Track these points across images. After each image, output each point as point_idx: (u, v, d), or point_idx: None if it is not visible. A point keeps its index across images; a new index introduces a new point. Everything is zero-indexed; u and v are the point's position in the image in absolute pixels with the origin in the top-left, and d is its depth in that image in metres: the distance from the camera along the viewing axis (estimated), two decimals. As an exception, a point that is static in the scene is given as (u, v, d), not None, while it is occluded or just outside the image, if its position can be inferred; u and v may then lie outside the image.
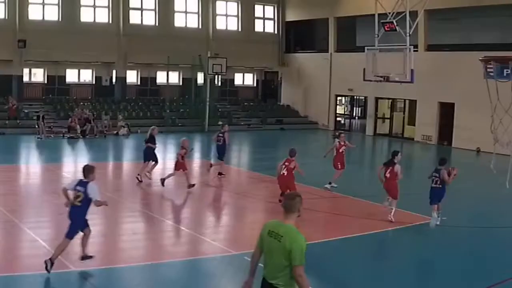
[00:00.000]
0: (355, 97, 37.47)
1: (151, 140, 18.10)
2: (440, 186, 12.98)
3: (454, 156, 27.43)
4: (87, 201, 9.12)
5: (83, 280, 8.65)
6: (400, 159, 13.99)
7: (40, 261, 9.60)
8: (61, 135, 27.71)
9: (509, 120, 14.87)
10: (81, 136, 27.70)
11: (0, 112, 29.32)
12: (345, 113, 38.78)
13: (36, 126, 27.17)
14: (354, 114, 38.86)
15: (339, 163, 16.91)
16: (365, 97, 35.33)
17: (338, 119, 37.22)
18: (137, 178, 17.08)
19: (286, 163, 14.03)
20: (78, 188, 9.14)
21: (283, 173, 13.93)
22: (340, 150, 16.99)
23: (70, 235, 9.22)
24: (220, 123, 33.91)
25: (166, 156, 25.41)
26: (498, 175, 16.21)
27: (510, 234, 12.76)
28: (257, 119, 35.80)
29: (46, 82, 32.58)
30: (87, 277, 8.76)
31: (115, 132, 29.23)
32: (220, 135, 18.87)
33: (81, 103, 31.15)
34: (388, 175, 13.65)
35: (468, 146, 27.39)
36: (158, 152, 18.37)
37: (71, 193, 9.31)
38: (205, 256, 10.30)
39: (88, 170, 9.22)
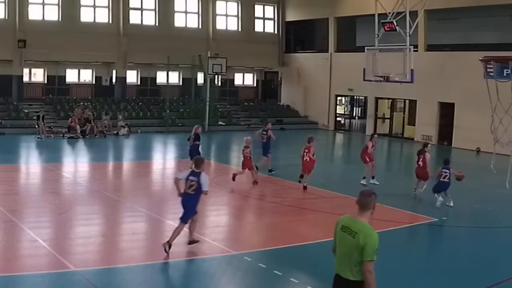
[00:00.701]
0: (355, 97, 37.48)
1: (197, 138, 18.84)
2: (448, 180, 14.89)
3: (454, 156, 27.41)
4: (199, 190, 10.12)
5: (83, 280, 8.65)
6: (430, 149, 16.33)
7: (40, 261, 9.63)
8: (61, 135, 27.70)
9: (509, 120, 14.90)
10: (81, 136, 27.69)
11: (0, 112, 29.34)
12: (345, 113, 38.78)
13: (36, 126, 27.16)
14: (354, 114, 38.87)
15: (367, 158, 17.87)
16: (365, 97, 35.33)
17: (338, 119, 37.22)
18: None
19: (306, 150, 16.47)
20: (191, 178, 10.19)
21: (306, 159, 16.43)
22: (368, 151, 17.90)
23: (185, 220, 10.25)
24: (220, 123, 34.10)
25: (166, 156, 25.49)
26: (498, 175, 16.24)
27: (510, 234, 12.76)
28: (257, 119, 35.80)
29: (46, 82, 32.58)
30: (87, 277, 8.75)
31: (115, 132, 29.22)
32: (264, 132, 19.27)
33: (82, 103, 31.14)
34: (420, 163, 15.89)
35: (468, 146, 27.39)
36: (158, 151, 18.26)
37: (183, 183, 10.24)
38: (205, 256, 10.30)
39: (200, 162, 10.38)
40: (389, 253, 11.15)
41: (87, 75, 34.17)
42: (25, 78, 31.85)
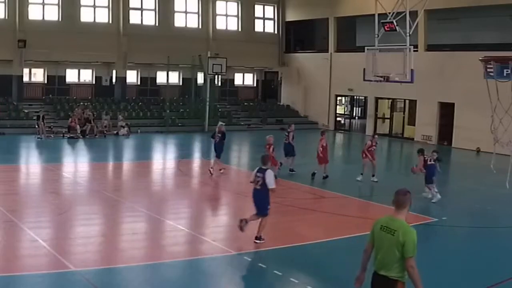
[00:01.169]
0: (355, 97, 37.48)
1: (222, 136, 19.07)
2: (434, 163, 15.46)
3: (454, 156, 27.44)
4: (265, 185, 10.62)
5: (83, 280, 8.65)
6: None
7: (40, 261, 9.63)
8: (61, 135, 27.70)
9: (509, 120, 14.89)
10: (81, 136, 27.69)
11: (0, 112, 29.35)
12: (345, 113, 38.78)
13: (36, 126, 27.16)
14: (354, 114, 38.86)
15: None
16: (365, 97, 35.33)
17: (338, 119, 37.22)
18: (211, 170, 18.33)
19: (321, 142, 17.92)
20: (258, 174, 10.80)
21: (320, 150, 17.90)
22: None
23: (263, 212, 10.81)
24: (220, 123, 34.00)
25: (166, 156, 25.49)
26: (498, 175, 16.24)
27: (510, 234, 12.76)
28: (257, 119, 35.80)
29: (46, 82, 32.59)
30: (87, 277, 8.75)
31: (115, 132, 29.22)
32: (286, 134, 19.44)
33: (82, 103, 31.15)
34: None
35: (468, 146, 27.40)
36: (158, 151, 18.25)
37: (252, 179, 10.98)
38: (205, 256, 10.30)
39: (266, 159, 11.10)
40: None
41: (87, 75, 34.17)
42: (25, 78, 31.85)
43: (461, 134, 28.21)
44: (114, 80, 34.07)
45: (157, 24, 34.50)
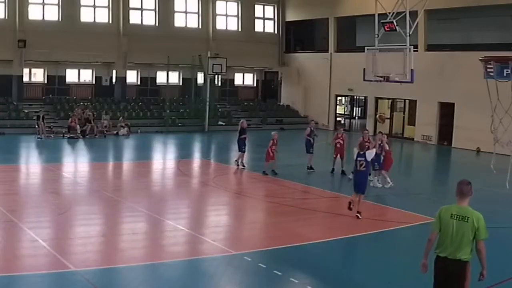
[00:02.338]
0: (355, 97, 37.47)
1: (243, 132, 19.94)
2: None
3: (454, 156, 27.44)
4: (368, 166, 13.18)
5: (83, 280, 8.65)
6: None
7: (40, 261, 9.63)
8: (61, 135, 27.70)
9: (509, 120, 14.90)
10: (81, 136, 27.69)
11: (0, 112, 29.36)
12: (345, 113, 38.78)
13: (36, 126, 27.16)
14: (354, 114, 38.85)
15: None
16: (365, 97, 35.32)
17: (338, 119, 37.20)
18: (237, 163, 19.97)
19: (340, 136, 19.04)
20: (359, 159, 12.96)
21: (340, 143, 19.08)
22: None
23: (363, 191, 13.09)
24: (220, 123, 34.08)
25: (166, 156, 25.48)
26: (498, 175, 16.24)
27: (510, 234, 12.76)
28: (257, 119, 35.79)
29: (46, 82, 32.59)
30: (87, 277, 8.75)
31: (115, 132, 29.22)
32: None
33: (82, 103, 31.15)
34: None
35: (468, 146, 27.39)
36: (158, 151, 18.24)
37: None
38: (205, 256, 10.30)
39: (362, 145, 13.50)
40: (389, 253, 11.15)
41: (87, 75, 34.17)
42: (25, 78, 31.85)
43: (461, 134, 28.20)
44: (114, 80, 34.07)
45: (157, 24, 34.50)
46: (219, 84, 35.85)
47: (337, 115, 37.21)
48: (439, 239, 6.71)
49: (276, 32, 39.43)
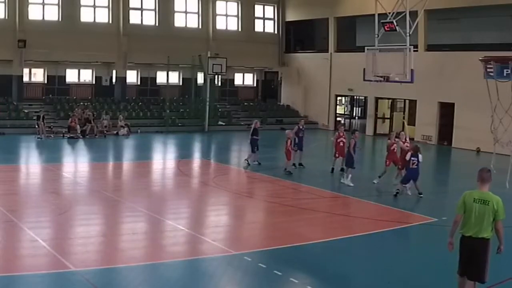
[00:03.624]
0: (355, 97, 37.47)
1: (255, 132, 20.18)
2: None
3: (454, 156, 27.44)
4: (419, 165, 15.23)
5: (83, 280, 8.65)
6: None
7: (40, 261, 9.63)
8: (61, 135, 27.70)
9: (509, 120, 14.91)
10: (81, 136, 27.69)
11: (0, 112, 29.36)
12: (345, 113, 38.77)
13: (36, 126, 27.15)
14: (354, 114, 38.85)
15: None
16: (365, 97, 35.32)
17: (338, 119, 37.19)
18: (247, 162, 20.29)
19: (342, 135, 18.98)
20: (413, 159, 15.20)
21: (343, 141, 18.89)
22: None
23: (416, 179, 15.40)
24: (220, 123, 34.09)
25: (166, 156, 25.48)
26: (498, 175, 16.23)
27: (510, 234, 12.75)
28: (257, 119, 35.71)
29: (46, 82, 32.57)
30: (87, 277, 8.76)
31: (115, 132, 29.21)
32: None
33: (82, 103, 31.14)
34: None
35: (468, 146, 27.37)
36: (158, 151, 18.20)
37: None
38: (205, 256, 10.30)
39: (416, 149, 15.51)
40: (390, 253, 11.16)
41: (87, 75, 34.16)
42: (25, 78, 31.84)
43: (461, 134, 28.19)
44: (114, 80, 34.07)
45: (157, 24, 34.49)
46: (219, 84, 35.84)
47: (337, 115, 37.21)
48: (464, 221, 7.61)
49: (276, 32, 39.42)
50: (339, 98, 37.22)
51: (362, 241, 11.74)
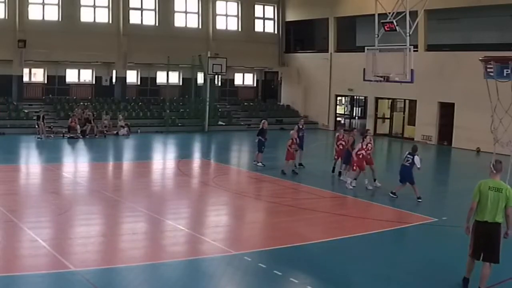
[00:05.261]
0: (355, 97, 37.47)
1: (262, 133, 20.24)
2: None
3: (454, 156, 27.45)
4: (412, 165, 15.09)
5: (83, 280, 8.65)
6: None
7: (40, 261, 9.63)
8: (61, 135, 27.70)
9: (509, 120, 14.87)
10: (81, 136, 27.69)
11: (0, 112, 29.36)
12: (345, 113, 38.77)
13: (36, 126, 27.15)
14: (354, 114, 38.85)
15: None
16: (365, 97, 35.32)
17: (338, 119, 37.20)
18: (256, 163, 20.32)
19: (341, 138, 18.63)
20: (408, 156, 15.23)
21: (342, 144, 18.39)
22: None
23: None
24: (220, 123, 34.09)
25: (166, 156, 25.49)
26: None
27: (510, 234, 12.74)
28: (257, 119, 35.76)
29: (46, 82, 32.58)
30: (87, 277, 8.76)
31: (115, 132, 29.22)
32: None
33: (82, 103, 31.14)
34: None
35: (468, 146, 27.39)
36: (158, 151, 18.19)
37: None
38: (205, 256, 10.30)
39: (415, 149, 15.32)
40: (389, 253, 11.16)
41: (87, 75, 34.16)
42: (25, 78, 31.84)
43: (461, 134, 28.20)
44: (114, 80, 34.07)
45: (157, 24, 34.49)
46: (219, 84, 35.85)
47: (337, 115, 37.21)
48: (479, 207, 8.41)
49: (276, 32, 39.42)
50: (339, 98, 37.22)
51: (362, 241, 11.74)
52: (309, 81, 37.39)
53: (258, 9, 38.68)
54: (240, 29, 37.81)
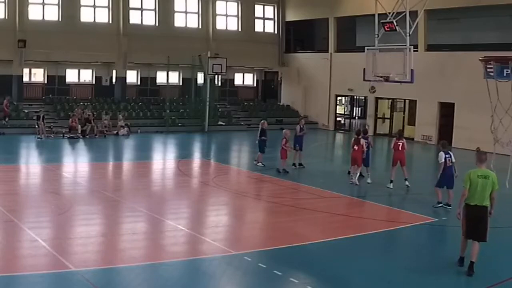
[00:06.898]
0: (355, 97, 37.47)
1: (263, 133, 20.22)
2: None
3: (454, 156, 27.36)
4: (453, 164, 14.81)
5: (83, 280, 8.65)
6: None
7: (40, 261, 9.63)
8: (61, 135, 27.70)
9: (509, 120, 14.91)
10: (81, 136, 27.69)
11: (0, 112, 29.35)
12: (345, 113, 38.77)
13: (36, 126, 27.15)
14: (354, 114, 38.85)
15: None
16: (365, 97, 35.31)
17: (338, 119, 37.20)
18: (256, 163, 20.34)
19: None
20: (446, 156, 14.69)
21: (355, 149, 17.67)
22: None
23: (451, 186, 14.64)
24: (220, 123, 34.08)
25: (166, 156, 25.49)
26: (498, 175, 16.21)
27: (510, 234, 12.77)
28: (257, 119, 35.75)
29: (46, 82, 32.58)
30: (87, 277, 8.76)
31: (115, 132, 29.22)
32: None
33: (82, 103, 31.14)
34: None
35: (468, 146, 27.32)
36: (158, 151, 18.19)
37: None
38: (205, 256, 10.30)
39: (444, 145, 15.19)
40: (390, 253, 11.16)
41: (87, 75, 34.16)
42: (25, 78, 31.84)
43: (461, 134, 28.18)
44: (114, 80, 34.07)
45: (157, 24, 34.49)
46: (219, 84, 35.84)
47: (337, 115, 37.20)
48: (470, 193, 9.44)
49: (276, 32, 39.42)
50: (339, 98, 37.21)
51: (362, 241, 11.74)
52: (309, 81, 37.39)
53: (258, 9, 38.68)
54: (240, 29, 37.81)
